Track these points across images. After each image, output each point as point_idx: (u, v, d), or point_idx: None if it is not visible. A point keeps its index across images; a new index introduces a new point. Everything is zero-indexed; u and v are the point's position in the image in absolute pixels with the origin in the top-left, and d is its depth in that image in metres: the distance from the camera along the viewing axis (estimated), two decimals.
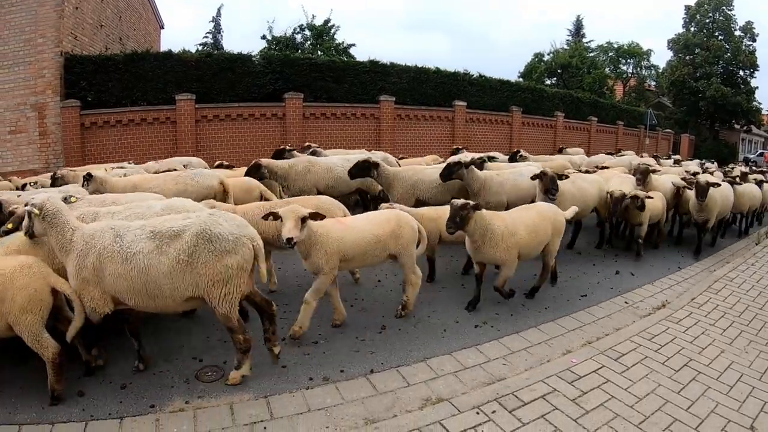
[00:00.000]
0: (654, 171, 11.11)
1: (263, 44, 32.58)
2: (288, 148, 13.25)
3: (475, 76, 25.45)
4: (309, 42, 33.30)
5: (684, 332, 6.56)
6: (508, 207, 8.56)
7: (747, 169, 18.76)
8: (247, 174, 9.75)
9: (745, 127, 49.04)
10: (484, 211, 6.61)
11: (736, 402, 4.96)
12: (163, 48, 24.60)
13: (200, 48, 36.74)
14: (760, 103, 46.02)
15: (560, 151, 20.28)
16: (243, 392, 4.82)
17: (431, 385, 5.06)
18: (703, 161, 22.20)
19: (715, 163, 22.77)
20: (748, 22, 42.10)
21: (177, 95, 17.27)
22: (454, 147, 14.28)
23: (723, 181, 12.06)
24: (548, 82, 47.49)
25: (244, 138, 18.30)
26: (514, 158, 13.88)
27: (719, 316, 7.22)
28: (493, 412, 4.57)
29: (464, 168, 9.16)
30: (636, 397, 4.93)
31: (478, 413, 4.54)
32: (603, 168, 13.48)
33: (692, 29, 43.25)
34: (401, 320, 6.53)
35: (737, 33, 42.15)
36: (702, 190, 9.86)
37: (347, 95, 20.91)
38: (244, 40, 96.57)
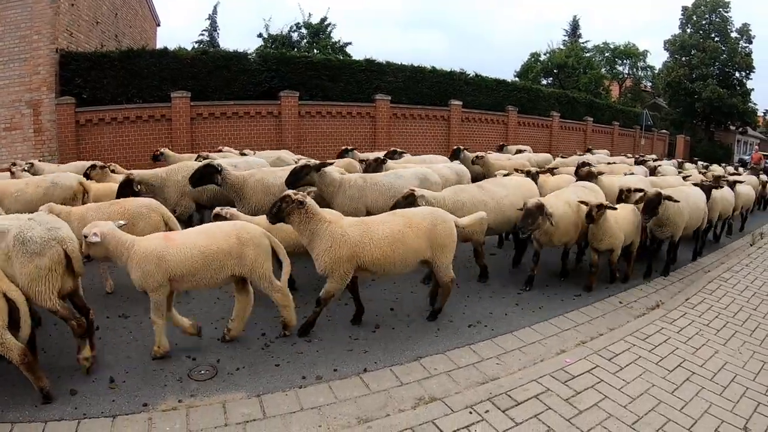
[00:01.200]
0: (591, 173, 9.78)
1: (259, 42, 32.62)
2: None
3: (471, 75, 25.47)
4: (305, 40, 33.29)
5: (678, 332, 6.57)
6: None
7: (725, 171, 18.48)
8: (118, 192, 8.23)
9: (740, 129, 49.17)
10: (319, 210, 5.90)
11: (729, 402, 4.96)
12: (159, 45, 24.59)
13: (196, 45, 36.74)
14: (755, 105, 46.26)
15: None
16: (236, 391, 4.80)
17: (424, 384, 5.05)
18: (681, 160, 21.96)
19: (699, 163, 22.11)
20: (745, 24, 42.23)
21: (172, 93, 17.23)
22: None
23: (702, 184, 10.65)
24: (544, 82, 47.53)
25: (239, 136, 18.24)
26: (456, 156, 13.67)
27: (713, 316, 7.23)
28: (487, 411, 4.56)
29: (314, 171, 8.19)
30: (629, 397, 4.93)
31: (471, 413, 4.53)
32: (548, 170, 12.33)
33: (689, 30, 43.32)
34: (395, 319, 6.53)
35: (733, 35, 42.25)
36: (650, 205, 8.19)
37: (343, 94, 20.89)
38: (240, 37, 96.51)
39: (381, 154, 12.32)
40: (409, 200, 7.29)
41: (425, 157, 13.78)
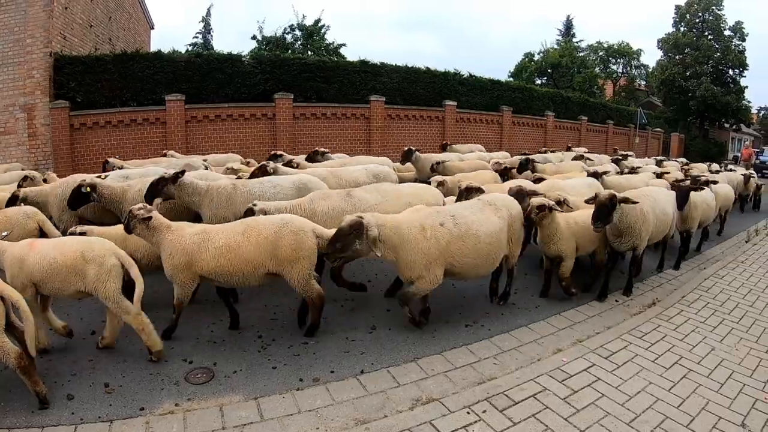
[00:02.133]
0: (504, 169, 10.04)
1: (253, 44, 32.46)
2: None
3: (465, 75, 25.43)
4: (299, 42, 33.18)
5: (675, 330, 6.59)
6: None
7: (708, 168, 17.72)
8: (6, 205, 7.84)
9: (734, 126, 49.34)
10: (162, 221, 5.81)
11: (727, 399, 4.98)
12: (153, 48, 24.47)
13: (190, 48, 36.52)
14: (749, 102, 46.33)
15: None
16: (233, 394, 4.80)
17: (422, 385, 5.05)
18: (660, 158, 20.47)
19: (680, 160, 21.41)
20: (738, 22, 42.33)
21: (167, 96, 17.16)
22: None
23: (679, 186, 9.43)
24: (538, 81, 47.55)
25: (234, 139, 18.20)
26: (408, 157, 13.56)
27: (710, 313, 7.26)
28: (484, 411, 4.56)
29: (171, 183, 7.58)
30: (627, 395, 4.94)
31: (468, 413, 4.54)
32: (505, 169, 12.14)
33: (682, 29, 43.46)
34: (391, 320, 6.51)
35: (727, 33, 42.36)
36: (602, 211, 6.94)
37: (337, 95, 20.85)
38: (234, 40, 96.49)
39: (290, 157, 12.14)
40: (248, 215, 6.63)
41: (358, 158, 13.40)
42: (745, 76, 43.04)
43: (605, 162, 15.67)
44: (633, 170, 13.61)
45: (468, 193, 8.00)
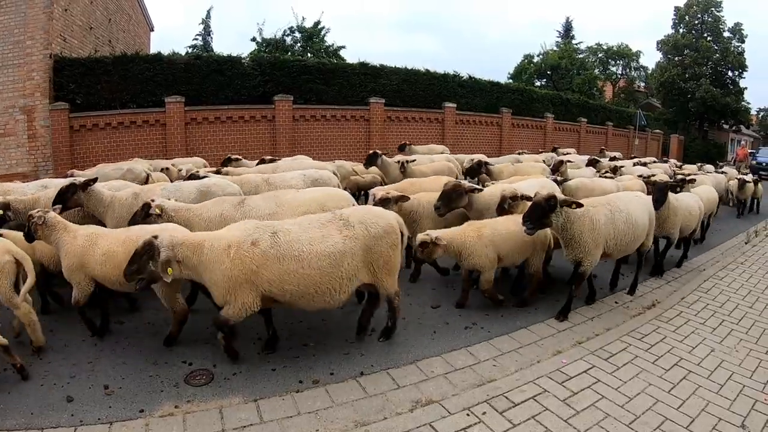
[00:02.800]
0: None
1: (253, 46, 32.49)
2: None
3: (464, 77, 25.47)
4: (299, 44, 33.20)
5: (674, 331, 6.59)
6: None
7: (697, 169, 16.96)
8: None
9: (734, 128, 49.40)
10: (58, 222, 5.80)
11: (726, 400, 4.98)
12: (153, 50, 24.51)
13: (190, 50, 36.59)
14: (748, 104, 46.39)
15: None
16: (233, 396, 4.80)
17: (421, 387, 5.04)
18: (644, 161, 18.48)
19: (671, 161, 20.16)
20: (737, 24, 42.42)
21: (166, 98, 17.22)
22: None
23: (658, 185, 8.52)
24: (538, 83, 47.58)
25: (233, 140, 18.23)
26: (372, 161, 12.69)
27: (709, 315, 7.26)
28: (484, 413, 4.56)
29: (81, 191, 7.26)
30: (627, 396, 4.94)
31: (468, 415, 4.54)
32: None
33: (681, 30, 43.55)
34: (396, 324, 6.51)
35: (726, 34, 42.46)
36: (535, 212, 6.30)
37: (337, 97, 20.89)
38: (234, 42, 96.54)
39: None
40: (145, 213, 6.44)
41: (297, 160, 13.22)
42: (744, 78, 43.22)
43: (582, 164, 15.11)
44: (614, 172, 13.21)
45: (383, 204, 7.25)
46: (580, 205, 6.41)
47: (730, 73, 43.16)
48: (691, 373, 5.50)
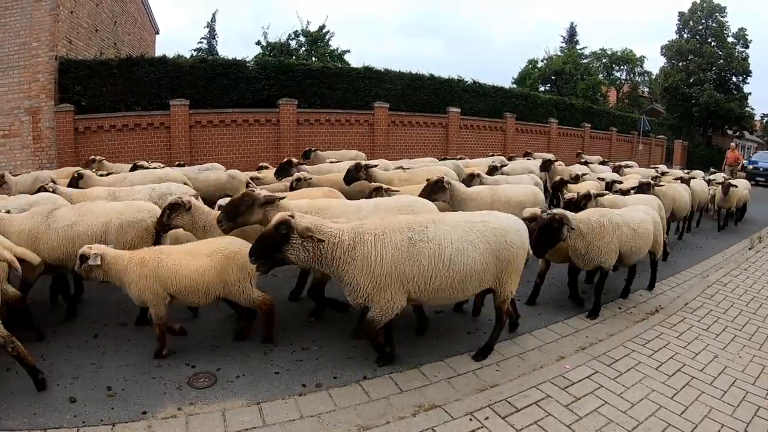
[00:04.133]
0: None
1: (258, 50, 32.59)
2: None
3: (469, 82, 25.53)
4: (303, 48, 33.30)
5: (677, 337, 6.57)
6: None
7: (683, 174, 15.33)
8: None
9: (737, 133, 49.34)
10: None
11: (729, 407, 4.96)
12: (158, 53, 24.59)
13: (195, 53, 36.78)
14: (752, 109, 46.44)
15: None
16: (235, 399, 4.80)
17: (424, 391, 5.04)
18: (626, 164, 17.76)
19: (662, 167, 18.00)
20: (741, 29, 42.45)
21: (171, 100, 17.28)
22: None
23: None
24: (542, 88, 47.61)
25: (238, 144, 18.29)
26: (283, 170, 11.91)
27: (712, 321, 7.24)
28: (486, 418, 4.56)
29: None
30: (629, 402, 4.93)
31: (471, 420, 4.53)
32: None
33: (685, 36, 43.60)
34: (394, 327, 6.50)
35: (730, 39, 42.50)
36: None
37: (341, 101, 20.95)
38: (238, 45, 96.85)
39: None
40: None
41: (207, 166, 13.17)
42: (748, 83, 43.35)
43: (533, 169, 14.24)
44: (572, 180, 12.08)
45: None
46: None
47: (734, 79, 43.21)
48: (694, 380, 5.49)
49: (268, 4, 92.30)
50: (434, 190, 7.79)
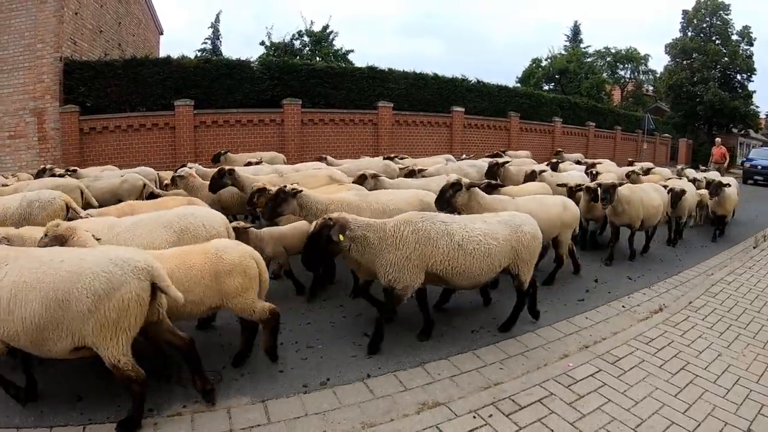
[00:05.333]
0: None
1: (262, 50, 32.69)
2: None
3: (473, 81, 25.52)
4: (307, 48, 33.37)
5: (681, 336, 6.57)
6: None
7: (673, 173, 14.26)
8: None
9: (742, 132, 49.15)
10: None
11: (733, 405, 4.96)
12: (162, 54, 24.69)
13: (199, 54, 36.83)
14: (757, 107, 46.19)
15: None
16: (240, 397, 4.83)
17: (428, 389, 5.06)
18: (596, 161, 16.14)
19: (639, 165, 15.69)
20: (745, 27, 42.23)
21: (176, 101, 17.35)
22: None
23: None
24: (546, 87, 47.56)
25: (242, 144, 18.31)
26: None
27: (716, 319, 7.23)
28: (490, 416, 4.58)
29: None
30: (633, 400, 4.94)
31: (474, 417, 4.55)
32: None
33: (689, 34, 43.38)
34: (398, 325, 6.51)
35: (734, 37, 42.27)
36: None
37: (345, 101, 20.98)
38: (242, 46, 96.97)
39: None
40: None
41: (138, 170, 12.20)
42: (753, 81, 42.96)
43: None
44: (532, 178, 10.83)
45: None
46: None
47: (738, 77, 42.97)
48: (698, 378, 5.49)
49: (269, 4, 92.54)
50: (277, 202, 6.83)
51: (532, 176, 10.80)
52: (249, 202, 8.08)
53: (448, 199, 7.21)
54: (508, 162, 12.53)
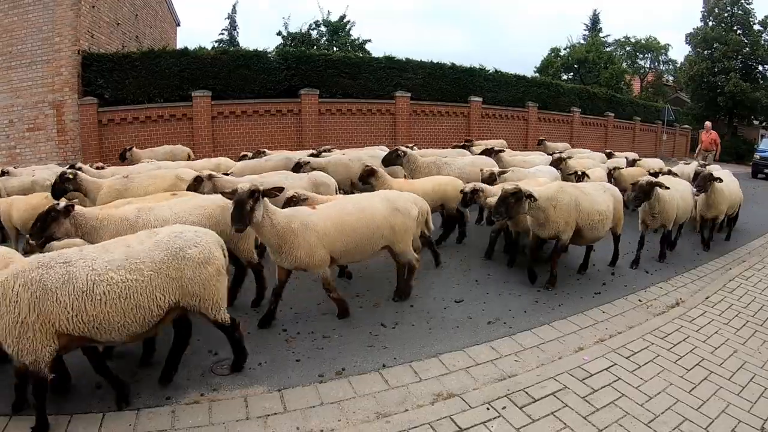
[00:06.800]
0: None
1: (279, 40, 32.72)
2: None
3: (491, 71, 25.37)
4: (324, 38, 33.36)
5: (697, 331, 6.54)
6: None
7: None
8: None
9: (764, 123, 48.38)
10: None
11: (747, 402, 4.94)
12: (180, 45, 24.87)
13: (216, 45, 36.97)
14: None
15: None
16: (257, 385, 4.90)
17: (443, 380, 5.10)
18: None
19: (633, 155, 15.11)
20: (767, 17, 41.49)
21: (193, 92, 17.47)
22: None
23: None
24: (565, 77, 47.08)
25: (260, 134, 18.44)
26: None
27: (733, 315, 7.18)
28: (504, 408, 4.61)
29: None
30: (647, 395, 4.94)
31: (488, 409, 4.58)
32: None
33: (710, 23, 42.63)
34: (414, 316, 6.57)
35: (756, 27, 41.49)
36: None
37: (363, 91, 20.99)
38: (259, 36, 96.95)
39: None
40: None
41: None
42: None
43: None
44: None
45: None
46: None
47: (760, 68, 42.25)
48: (713, 374, 5.47)
49: None
50: (46, 223, 5.61)
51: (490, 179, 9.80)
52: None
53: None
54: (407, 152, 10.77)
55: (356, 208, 6.43)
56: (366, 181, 8.77)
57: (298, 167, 10.28)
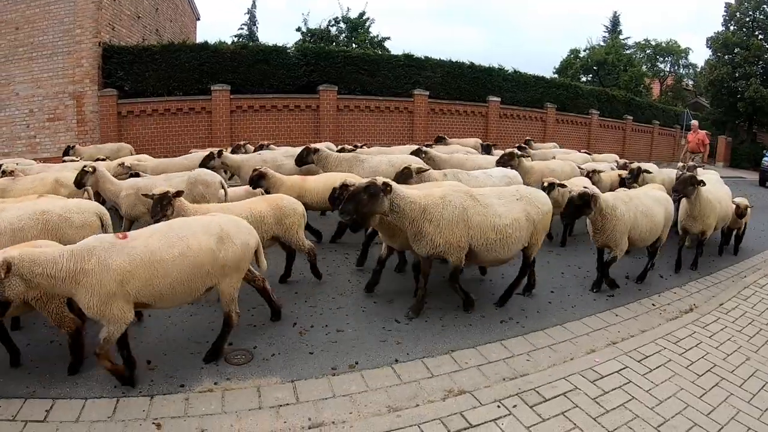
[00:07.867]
0: None
1: (298, 36, 32.82)
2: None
3: (509, 71, 25.30)
4: (344, 35, 33.40)
5: (710, 337, 6.52)
6: None
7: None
8: None
9: None
10: None
11: (757, 410, 4.93)
12: (199, 39, 25.00)
13: (236, 39, 37.21)
14: None
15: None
16: (270, 376, 4.97)
17: (454, 377, 5.14)
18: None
19: (614, 157, 15.19)
20: None
21: (212, 86, 17.61)
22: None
23: None
24: (584, 79, 46.82)
25: (278, 129, 18.55)
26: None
27: (747, 322, 7.14)
28: (514, 406, 4.63)
29: None
30: (657, 399, 4.94)
31: (499, 407, 4.61)
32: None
33: (732, 28, 42.13)
34: (428, 313, 6.59)
35: None
36: None
37: (381, 88, 21.02)
38: (279, 32, 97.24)
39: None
40: None
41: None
42: None
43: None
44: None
45: None
46: None
47: None
48: (724, 380, 5.45)
49: None
50: None
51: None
52: None
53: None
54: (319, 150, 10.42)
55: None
56: (257, 184, 8.50)
57: (208, 159, 10.21)
